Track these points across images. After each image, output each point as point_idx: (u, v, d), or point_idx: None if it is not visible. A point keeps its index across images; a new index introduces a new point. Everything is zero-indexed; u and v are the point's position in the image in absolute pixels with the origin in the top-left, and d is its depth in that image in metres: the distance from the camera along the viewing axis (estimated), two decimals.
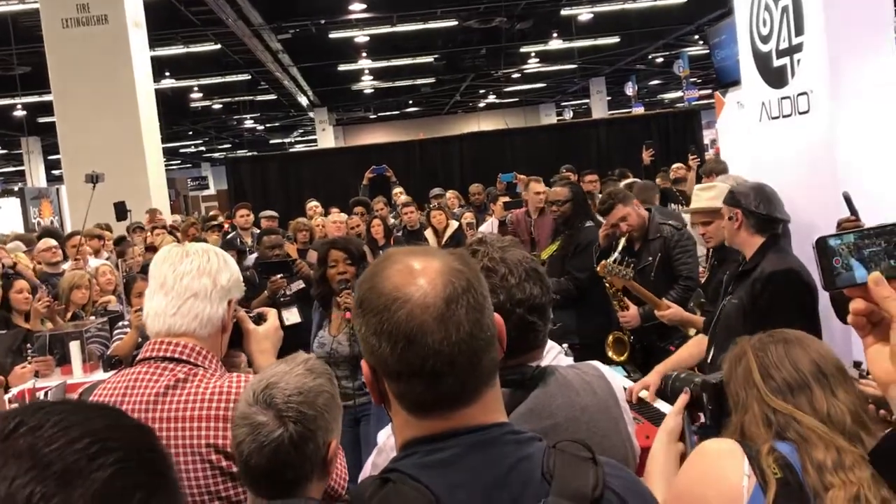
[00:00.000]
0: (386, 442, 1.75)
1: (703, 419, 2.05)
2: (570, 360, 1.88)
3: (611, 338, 4.69)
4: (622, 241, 4.58)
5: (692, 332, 4.20)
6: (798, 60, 4.33)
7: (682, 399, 2.03)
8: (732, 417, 1.84)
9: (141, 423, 0.75)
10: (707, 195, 3.96)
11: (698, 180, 8.54)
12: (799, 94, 4.37)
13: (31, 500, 0.60)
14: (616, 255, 4.41)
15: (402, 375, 1.07)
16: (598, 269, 4.44)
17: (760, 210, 3.23)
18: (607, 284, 4.58)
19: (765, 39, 4.67)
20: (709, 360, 3.26)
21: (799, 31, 4.27)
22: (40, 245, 7.25)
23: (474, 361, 1.07)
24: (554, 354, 1.81)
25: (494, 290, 1.61)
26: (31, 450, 0.63)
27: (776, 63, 4.57)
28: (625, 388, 2.06)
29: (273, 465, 1.60)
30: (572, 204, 5.24)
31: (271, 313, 2.10)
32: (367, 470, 1.77)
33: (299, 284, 5.60)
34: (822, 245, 1.17)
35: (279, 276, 5.44)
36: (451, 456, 1.06)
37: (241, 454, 1.62)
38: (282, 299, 5.40)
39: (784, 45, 4.44)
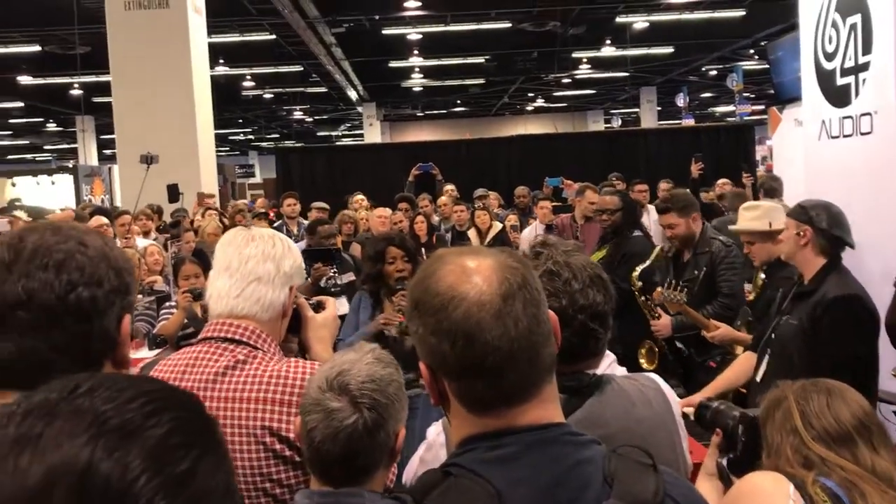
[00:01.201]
0: (435, 439, 1.76)
1: (732, 451, 2.07)
2: (623, 370, 1.88)
3: (644, 348, 4.67)
4: (655, 251, 4.71)
5: (739, 349, 4.16)
6: (863, 80, 4.26)
7: (715, 440, 2.07)
8: (764, 460, 1.85)
9: (187, 390, 0.77)
10: (750, 215, 3.91)
11: (755, 198, 8.44)
12: (862, 115, 4.29)
13: (94, 455, 0.62)
14: (669, 279, 4.40)
15: (462, 374, 1.08)
16: (654, 295, 4.44)
17: (833, 231, 3.17)
18: (636, 293, 4.59)
19: (829, 57, 4.60)
20: (758, 379, 3.21)
21: (867, 50, 4.20)
22: (91, 222, 7.40)
23: (533, 356, 1.08)
24: (608, 363, 1.81)
25: (557, 294, 1.61)
26: (90, 408, 0.65)
27: (840, 81, 4.49)
28: None
29: (346, 451, 1.60)
30: (623, 213, 5.23)
31: (330, 302, 2.13)
32: (415, 464, 1.77)
33: (350, 276, 5.63)
34: None
35: (320, 263, 5.45)
36: (511, 453, 1.07)
37: (311, 440, 1.62)
38: (332, 290, 5.43)
39: (850, 63, 4.37)
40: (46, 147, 35.90)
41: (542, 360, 1.10)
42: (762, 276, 4.24)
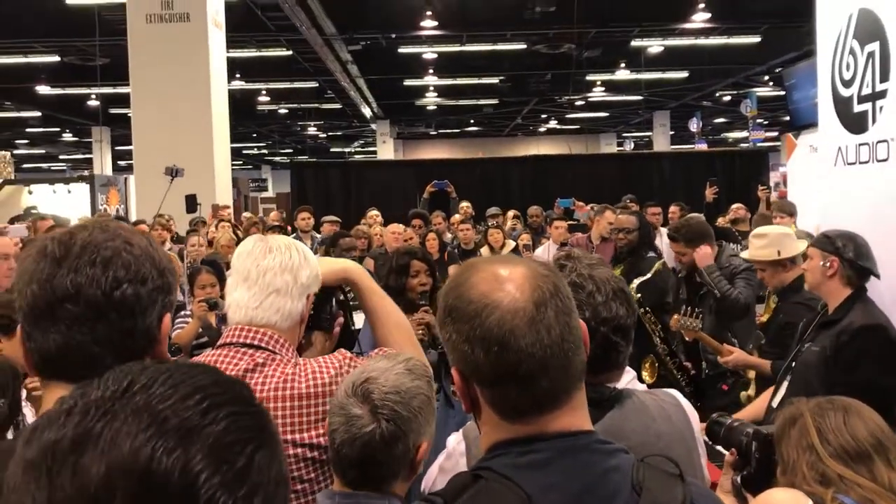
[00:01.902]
0: (455, 447, 1.77)
1: (746, 468, 2.06)
2: (643, 386, 1.89)
3: (647, 362, 4.67)
4: (655, 266, 4.81)
5: (751, 373, 4.16)
6: (881, 107, 4.27)
7: (729, 459, 2.08)
8: (779, 477, 1.85)
9: (238, 378, 0.78)
10: (759, 243, 3.92)
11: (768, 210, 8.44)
12: (879, 142, 4.29)
13: (155, 454, 0.63)
14: (685, 308, 4.41)
15: (495, 381, 1.09)
16: (672, 323, 4.44)
17: (860, 262, 3.16)
18: (641, 311, 4.62)
19: (847, 84, 4.61)
20: (774, 405, 3.20)
21: (884, 77, 4.21)
22: None
23: (565, 363, 1.09)
24: (629, 378, 1.82)
25: (580, 307, 1.62)
26: (148, 406, 0.66)
27: (857, 108, 4.50)
28: None
29: (362, 457, 1.63)
30: (639, 233, 5.26)
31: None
32: (434, 473, 1.78)
33: None
34: None
35: None
36: (543, 458, 1.08)
37: (333, 441, 1.66)
38: (352, 302, 5.39)
39: (867, 90, 4.38)
40: (62, 157, 36.18)
41: (574, 368, 1.11)
42: (774, 297, 4.24)
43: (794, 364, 3.25)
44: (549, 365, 1.07)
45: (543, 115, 28.95)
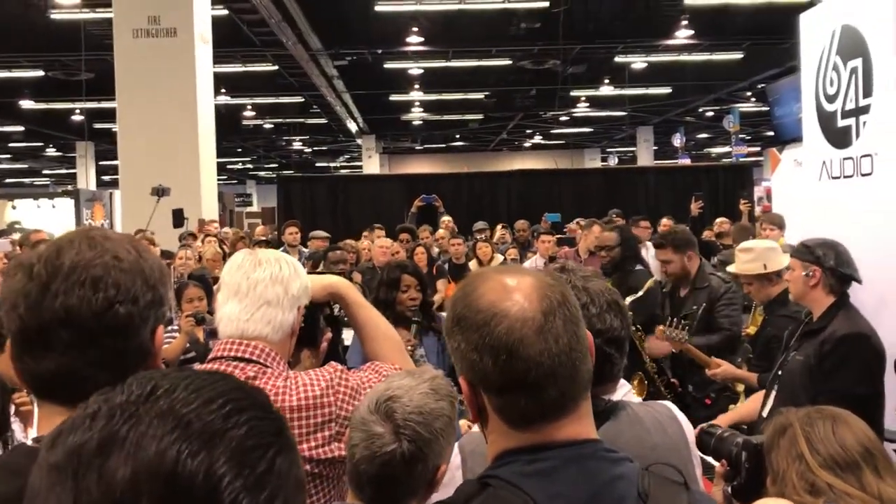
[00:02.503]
0: (452, 460, 1.77)
1: (736, 479, 2.07)
2: (638, 399, 1.89)
3: (636, 379, 4.69)
4: (648, 283, 4.89)
5: (740, 387, 4.18)
6: (864, 122, 4.33)
7: (719, 470, 2.09)
8: (769, 487, 1.86)
9: (255, 385, 0.78)
10: (745, 258, 3.95)
11: (752, 223, 8.51)
12: (863, 156, 4.35)
13: (180, 457, 0.63)
14: (670, 318, 4.42)
15: (504, 389, 1.10)
16: (657, 333, 4.46)
17: (842, 269, 3.20)
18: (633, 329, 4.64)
19: (830, 99, 4.68)
20: (764, 414, 3.22)
21: (867, 93, 4.27)
22: None
23: (573, 372, 1.10)
24: (624, 391, 1.82)
25: None
26: (172, 410, 0.67)
27: (841, 123, 4.56)
28: None
29: (381, 475, 1.62)
30: (621, 248, 5.26)
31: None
32: None
33: None
34: None
35: None
36: (550, 467, 1.09)
37: (352, 456, 1.64)
38: (344, 318, 5.33)
39: (850, 105, 4.44)
40: (45, 172, 35.97)
41: (581, 376, 1.12)
42: (760, 309, 4.27)
43: (780, 373, 3.28)
44: (557, 373, 1.08)
45: (528, 130, 29.11)
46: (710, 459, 2.99)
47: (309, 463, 1.76)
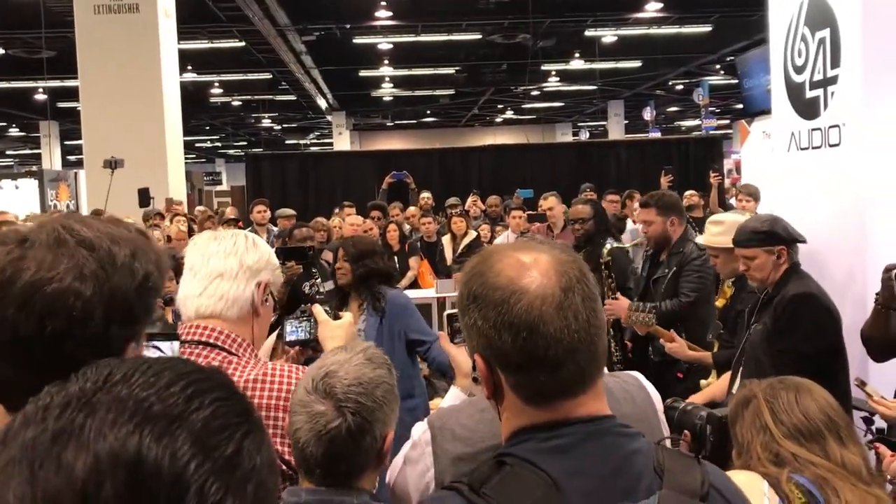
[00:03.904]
0: (421, 436, 1.75)
1: (701, 452, 2.08)
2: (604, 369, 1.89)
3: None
4: (638, 239, 4.96)
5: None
6: (832, 93, 4.34)
7: (683, 445, 2.07)
8: (735, 460, 1.87)
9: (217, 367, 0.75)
10: (715, 230, 3.95)
11: (720, 197, 8.55)
12: (831, 127, 4.37)
13: (142, 443, 0.61)
14: (637, 303, 4.44)
15: (522, 366, 1.09)
16: (623, 319, 4.47)
17: (798, 237, 3.24)
18: (603, 268, 4.82)
19: (799, 70, 4.69)
20: (734, 391, 3.25)
21: (835, 63, 4.29)
22: None
23: (592, 349, 1.10)
24: None
25: None
26: (130, 396, 0.64)
27: (809, 94, 4.58)
28: None
29: (329, 454, 1.59)
30: (594, 221, 5.29)
31: (347, 315, 2.23)
32: (399, 463, 1.76)
33: (330, 284, 5.53)
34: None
35: (293, 262, 5.26)
36: (568, 443, 1.09)
37: (297, 441, 1.61)
38: (317, 297, 5.27)
39: (819, 76, 4.45)
40: (8, 152, 35.30)
41: (599, 352, 1.12)
42: (730, 283, 4.29)
43: (745, 348, 3.30)
44: (577, 350, 1.08)
45: (500, 106, 29.05)
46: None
47: (285, 464, 1.72)
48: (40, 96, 21.16)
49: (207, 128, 31.07)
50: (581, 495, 1.05)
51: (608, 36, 18.19)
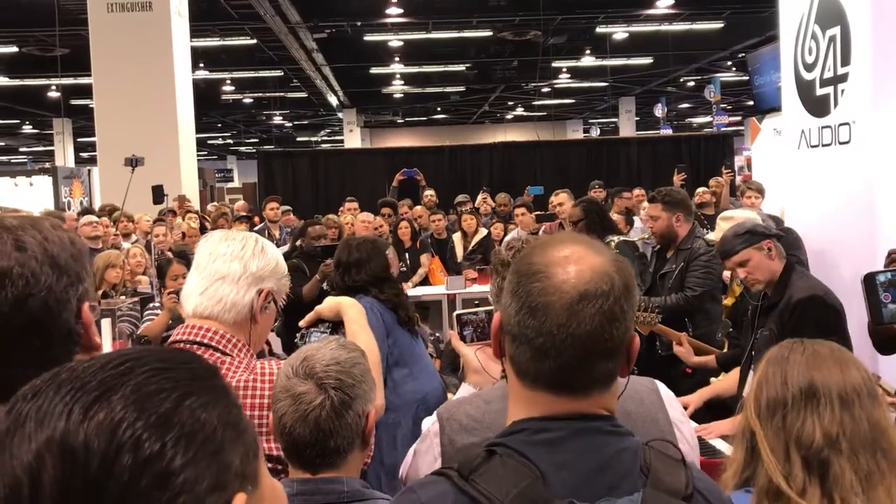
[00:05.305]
0: (430, 428, 1.79)
1: None
2: None
3: None
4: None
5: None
6: (842, 91, 4.35)
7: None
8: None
9: (192, 352, 0.77)
10: (725, 226, 3.95)
11: (731, 194, 8.56)
12: (841, 124, 4.38)
13: (70, 419, 0.64)
14: (640, 301, 4.43)
15: (516, 338, 1.14)
16: None
17: (775, 231, 3.30)
18: None
19: (809, 68, 4.69)
20: (744, 394, 3.26)
21: (845, 61, 4.30)
22: (83, 221, 7.40)
23: (583, 360, 1.11)
24: None
25: None
26: (70, 379, 0.67)
27: (819, 92, 4.59)
28: None
29: (316, 433, 1.63)
30: (586, 222, 5.24)
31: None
32: (410, 456, 1.80)
33: None
34: (870, 281, 1.19)
35: (330, 260, 5.23)
36: (556, 438, 1.12)
37: (283, 427, 1.65)
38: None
39: (829, 74, 4.46)
40: (22, 149, 35.51)
41: (595, 370, 1.13)
42: (738, 281, 4.30)
43: (753, 353, 3.32)
44: (562, 351, 1.10)
45: (510, 103, 28.97)
46: (718, 443, 3.04)
47: (274, 460, 1.74)
48: (54, 94, 21.25)
49: (219, 125, 31.15)
50: (567, 488, 1.08)
51: (619, 32, 18.13)
